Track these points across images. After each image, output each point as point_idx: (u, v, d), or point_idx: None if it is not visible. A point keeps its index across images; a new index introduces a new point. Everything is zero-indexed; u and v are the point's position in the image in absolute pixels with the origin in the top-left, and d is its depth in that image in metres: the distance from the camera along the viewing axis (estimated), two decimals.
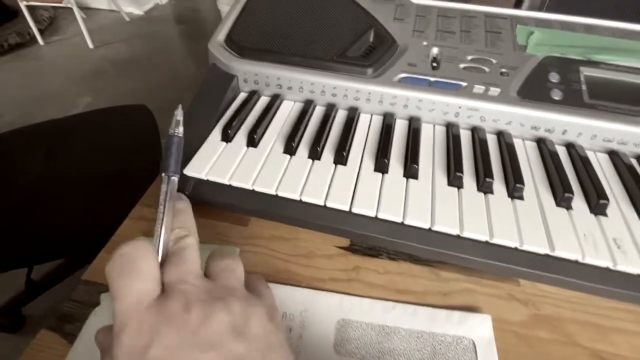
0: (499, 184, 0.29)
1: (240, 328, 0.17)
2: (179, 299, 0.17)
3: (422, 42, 0.36)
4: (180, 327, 0.16)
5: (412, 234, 0.26)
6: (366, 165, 0.30)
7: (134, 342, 0.15)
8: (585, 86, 0.32)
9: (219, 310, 0.17)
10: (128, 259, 0.17)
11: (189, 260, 0.19)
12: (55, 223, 0.65)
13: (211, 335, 0.16)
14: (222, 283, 0.19)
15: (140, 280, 0.17)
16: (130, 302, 0.16)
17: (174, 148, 0.22)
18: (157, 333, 0.15)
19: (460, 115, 0.33)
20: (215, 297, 0.17)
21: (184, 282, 0.17)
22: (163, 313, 0.16)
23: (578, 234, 0.25)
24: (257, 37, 0.37)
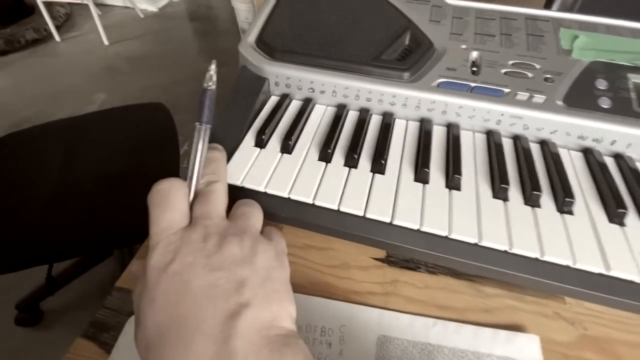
0: (546, 197, 0.27)
1: (247, 259, 0.20)
2: (200, 230, 0.20)
3: (460, 46, 0.34)
4: (197, 250, 0.19)
5: (456, 248, 0.25)
6: (405, 175, 0.29)
7: (161, 257, 0.19)
8: (635, 94, 0.31)
9: (231, 243, 0.20)
10: (163, 193, 0.21)
11: (215, 202, 0.22)
12: (75, 221, 0.65)
13: (221, 260, 0.19)
14: (239, 224, 0.22)
15: (170, 211, 0.20)
16: (162, 227, 0.20)
17: (207, 100, 0.24)
18: (178, 253, 0.19)
19: (502, 122, 0.31)
20: (230, 233, 0.20)
21: (208, 219, 0.21)
22: (185, 239, 0.19)
23: (634, 252, 0.24)
24: (289, 38, 0.36)
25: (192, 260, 0.19)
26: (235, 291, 0.18)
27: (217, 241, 0.19)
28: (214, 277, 0.18)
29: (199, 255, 0.19)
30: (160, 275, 0.18)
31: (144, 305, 0.18)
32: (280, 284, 0.20)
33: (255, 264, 0.20)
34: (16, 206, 0.67)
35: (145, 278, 0.19)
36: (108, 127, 0.85)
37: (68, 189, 0.70)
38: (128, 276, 0.28)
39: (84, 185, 0.71)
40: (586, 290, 0.24)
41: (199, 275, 0.18)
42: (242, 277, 0.19)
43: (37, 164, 0.76)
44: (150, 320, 0.18)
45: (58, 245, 0.64)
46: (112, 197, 0.69)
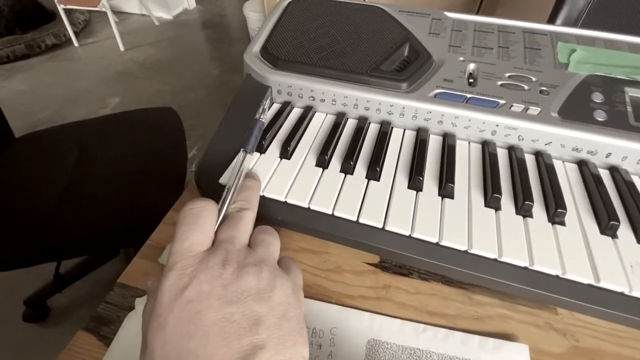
0: (538, 207, 0.28)
1: (264, 294, 0.19)
2: (220, 255, 0.19)
3: (458, 58, 0.35)
4: (214, 278, 0.18)
5: (447, 255, 0.26)
6: (400, 182, 0.29)
7: (177, 280, 0.18)
8: (631, 107, 0.31)
9: (249, 274, 0.19)
10: (195, 213, 0.21)
11: (241, 228, 0.22)
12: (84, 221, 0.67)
13: (238, 292, 0.18)
14: (258, 252, 0.21)
15: (197, 232, 0.20)
16: (184, 247, 0.19)
17: (255, 130, 0.25)
18: (195, 278, 0.18)
19: (498, 133, 0.32)
20: (249, 262, 0.20)
21: (230, 243, 0.20)
22: (204, 263, 0.19)
23: (624, 264, 0.24)
24: (291, 48, 0.37)
25: (208, 290, 0.18)
26: (250, 330, 0.17)
27: (235, 269, 0.19)
28: (228, 311, 0.17)
29: (216, 284, 0.18)
30: (173, 300, 0.18)
31: (154, 330, 0.17)
32: (297, 323, 0.19)
33: (272, 300, 0.19)
34: (28, 203, 0.70)
35: (157, 299, 0.18)
36: (119, 130, 0.87)
37: (78, 189, 0.72)
38: (129, 274, 0.29)
39: (94, 185, 0.73)
40: (576, 301, 0.24)
41: (214, 308, 0.17)
42: (258, 314, 0.18)
43: (50, 164, 0.78)
44: (158, 349, 0.17)
45: (66, 243, 0.66)
46: (121, 198, 0.71)
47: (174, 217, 0.33)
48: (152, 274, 0.25)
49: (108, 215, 0.68)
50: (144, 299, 0.27)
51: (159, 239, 0.32)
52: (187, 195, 0.35)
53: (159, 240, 0.32)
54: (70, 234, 0.66)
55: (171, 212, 0.34)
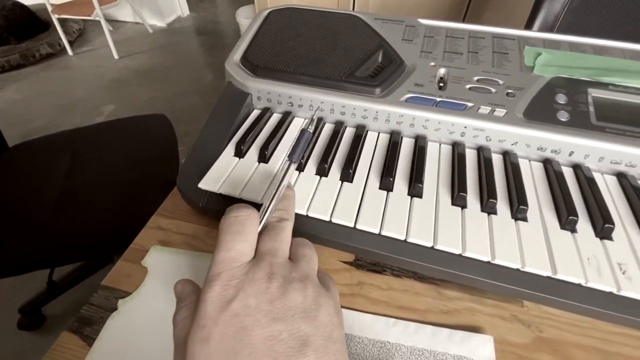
0: (503, 204, 0.29)
1: (310, 312, 0.18)
2: (265, 268, 0.19)
3: (429, 63, 0.37)
4: (261, 292, 0.18)
5: (415, 251, 0.27)
6: (372, 183, 0.31)
7: (222, 291, 0.18)
8: (593, 108, 0.33)
9: (295, 290, 0.18)
10: (240, 221, 0.20)
11: (284, 240, 0.21)
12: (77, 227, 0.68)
13: (284, 309, 0.18)
14: (301, 267, 0.20)
15: (242, 242, 0.20)
16: (229, 256, 0.19)
17: (302, 141, 0.25)
18: (242, 290, 0.18)
19: (466, 134, 0.33)
20: (294, 277, 0.19)
21: (273, 256, 0.20)
22: (249, 275, 0.18)
23: (582, 257, 0.25)
24: (270, 57, 0.38)
25: (255, 304, 0.17)
26: (299, 351, 0.17)
27: (281, 284, 0.18)
28: (276, 329, 0.17)
29: (262, 299, 0.18)
30: (219, 312, 0.17)
31: (197, 341, 0.17)
32: (341, 345, 0.19)
33: (318, 320, 0.18)
34: (21, 212, 0.70)
35: (200, 308, 0.18)
36: (111, 137, 0.89)
37: (72, 196, 0.73)
38: (113, 276, 0.30)
39: (87, 192, 0.74)
40: (536, 292, 0.25)
41: (261, 324, 0.17)
42: (305, 334, 0.17)
43: (43, 172, 0.79)
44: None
45: (59, 249, 0.67)
46: (113, 204, 0.72)
47: (158, 221, 0.35)
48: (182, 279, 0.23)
49: (101, 222, 0.69)
50: (127, 300, 0.29)
51: (143, 242, 0.33)
52: (170, 200, 0.36)
53: (142, 243, 0.33)
54: (64, 240, 0.67)
55: (155, 217, 0.35)
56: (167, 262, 0.31)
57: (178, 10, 2.54)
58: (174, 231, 0.33)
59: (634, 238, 0.27)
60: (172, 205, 0.36)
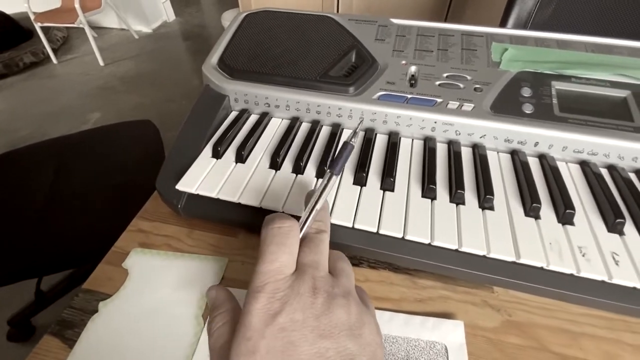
0: (471, 195, 0.30)
1: (355, 330, 0.18)
2: (309, 282, 0.19)
3: (401, 61, 0.38)
4: (306, 307, 0.18)
5: (387, 243, 0.28)
6: (346, 179, 0.32)
7: (268, 304, 0.17)
8: (557, 100, 0.34)
9: (340, 307, 0.18)
10: (284, 232, 0.20)
11: (323, 252, 0.21)
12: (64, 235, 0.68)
13: (330, 326, 0.17)
14: (342, 283, 0.20)
15: (286, 254, 0.19)
16: (273, 268, 0.19)
17: (345, 153, 0.25)
18: (288, 304, 0.17)
19: (437, 129, 0.34)
20: (337, 293, 0.19)
21: (315, 269, 0.20)
22: (294, 289, 0.18)
23: (544, 242, 0.27)
24: (246, 59, 0.39)
25: (302, 319, 0.17)
26: None
27: (325, 299, 0.18)
28: (323, 346, 0.17)
29: (308, 314, 0.17)
30: (265, 325, 0.17)
31: (242, 354, 0.17)
32: None
33: (362, 338, 0.18)
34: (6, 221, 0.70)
35: (245, 320, 0.17)
36: (98, 144, 0.88)
37: (57, 204, 0.73)
38: (94, 279, 0.31)
39: (72, 200, 0.74)
40: (504, 278, 0.26)
41: (308, 340, 0.17)
42: (352, 353, 0.17)
43: (28, 182, 0.79)
44: None
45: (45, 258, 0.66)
46: (100, 211, 0.71)
47: (138, 224, 0.35)
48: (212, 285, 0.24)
49: (87, 229, 0.69)
50: (108, 302, 0.29)
51: (123, 245, 0.33)
52: (150, 203, 0.37)
53: (123, 246, 0.33)
54: (50, 248, 0.66)
55: (136, 220, 0.35)
56: (148, 263, 0.31)
57: (164, 15, 2.53)
58: (155, 233, 0.34)
59: (595, 222, 0.28)
60: (153, 207, 0.36)
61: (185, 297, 0.29)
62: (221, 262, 0.31)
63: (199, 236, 0.33)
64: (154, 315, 0.28)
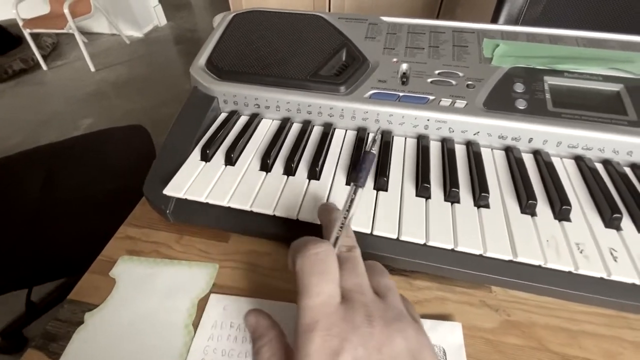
0: (466, 193, 0.29)
1: (417, 356, 0.17)
2: (361, 311, 0.17)
3: (392, 59, 0.37)
4: (367, 340, 0.16)
5: (381, 244, 0.27)
6: (338, 179, 0.31)
7: (327, 343, 0.16)
8: (550, 95, 0.34)
9: (398, 332, 0.17)
10: (321, 260, 0.19)
11: (363, 271, 0.20)
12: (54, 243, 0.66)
13: (394, 356, 0.16)
14: (392, 304, 0.19)
15: (330, 282, 0.18)
16: (321, 301, 0.17)
17: (367, 163, 0.24)
18: (347, 341, 0.16)
19: (430, 127, 0.34)
20: (392, 317, 0.18)
21: (362, 294, 0.18)
22: (349, 321, 0.17)
23: (541, 239, 0.26)
24: (235, 60, 0.38)
25: (365, 354, 0.16)
26: None
27: (383, 327, 0.17)
28: None
29: (370, 348, 0.16)
30: None
31: None
32: None
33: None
34: None
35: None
36: (89, 150, 0.87)
37: (48, 212, 0.71)
38: (80, 290, 0.30)
39: (62, 207, 0.72)
40: (502, 277, 0.26)
41: None
42: None
43: (18, 190, 0.77)
44: None
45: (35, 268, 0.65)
46: (91, 218, 0.70)
47: (126, 231, 0.34)
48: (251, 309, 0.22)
49: (78, 237, 0.67)
50: (94, 312, 0.28)
51: (111, 253, 0.32)
52: (139, 209, 0.36)
53: (110, 254, 0.32)
54: (40, 258, 0.65)
55: (123, 226, 0.34)
56: (136, 271, 0.30)
57: (155, 19, 2.52)
58: (143, 240, 0.33)
59: (591, 218, 0.28)
60: (141, 213, 0.35)
61: (174, 306, 0.28)
62: (212, 268, 0.30)
63: (188, 242, 0.32)
64: (141, 325, 0.27)
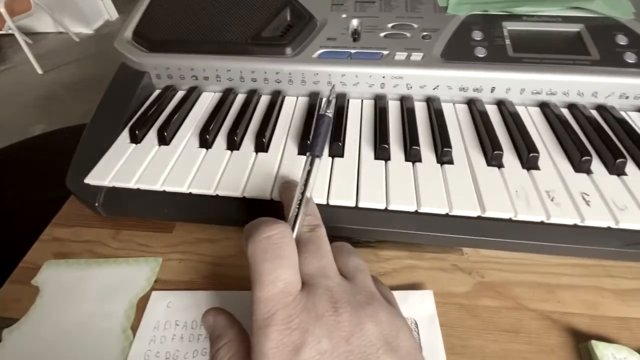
0: (428, 151, 0.27)
1: (392, 341, 0.15)
2: (325, 297, 0.15)
3: (341, 15, 0.34)
4: (332, 330, 0.14)
5: (340, 214, 0.24)
6: (289, 150, 0.28)
7: (283, 338, 0.14)
8: (509, 40, 0.31)
9: (368, 318, 0.15)
10: (274, 244, 0.16)
11: (327, 253, 0.18)
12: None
13: (365, 345, 0.14)
14: (361, 285, 0.17)
15: (287, 268, 0.16)
16: (277, 290, 0.15)
17: (322, 128, 0.21)
18: (309, 333, 0.14)
19: (386, 85, 0.31)
20: (361, 301, 0.16)
21: (326, 277, 0.16)
22: (311, 310, 0.15)
23: (510, 191, 0.24)
24: (166, 28, 0.34)
25: (330, 347, 0.14)
26: None
27: (351, 313, 0.15)
28: None
29: (337, 339, 0.14)
30: None
31: None
32: None
33: (401, 349, 0.15)
34: None
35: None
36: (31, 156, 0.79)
37: None
38: None
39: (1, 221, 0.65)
40: (471, 236, 0.24)
41: None
42: None
43: None
44: None
45: None
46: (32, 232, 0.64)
47: (53, 232, 0.29)
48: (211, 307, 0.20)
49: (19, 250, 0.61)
50: (14, 328, 0.24)
51: (34, 259, 0.28)
52: (67, 206, 0.31)
53: (34, 260, 0.28)
54: None
55: (49, 228, 0.30)
56: (64, 276, 0.26)
57: (105, 14, 2.35)
58: (73, 240, 0.29)
59: (560, 164, 0.26)
60: (70, 211, 0.31)
61: (110, 310, 0.24)
62: (154, 262, 0.27)
63: (127, 236, 0.28)
64: (71, 337, 0.23)
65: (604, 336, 0.22)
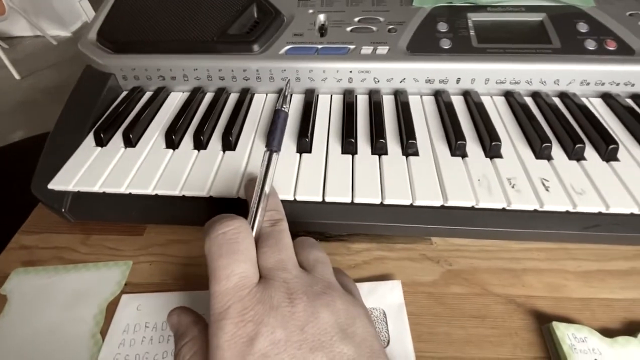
0: (394, 144, 0.27)
1: (348, 329, 0.15)
2: (281, 289, 0.16)
3: (308, 11, 0.34)
4: (287, 320, 0.15)
5: (308, 210, 0.24)
6: (257, 147, 0.28)
7: (238, 330, 0.14)
8: (474, 31, 0.32)
9: (324, 307, 0.16)
10: (230, 239, 0.17)
11: (287, 247, 0.18)
12: None
13: (319, 333, 0.15)
14: (320, 276, 0.17)
15: (242, 262, 0.16)
16: (232, 284, 0.15)
17: (279, 123, 0.21)
18: (263, 324, 0.14)
19: (354, 79, 0.31)
20: (317, 291, 0.16)
21: (284, 270, 0.17)
22: (266, 302, 0.15)
23: (472, 179, 0.24)
24: (131, 28, 0.33)
25: (284, 337, 0.14)
26: None
27: (306, 304, 0.15)
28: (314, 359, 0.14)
29: (291, 328, 0.15)
30: (242, 357, 0.14)
31: None
32: (385, 357, 0.16)
33: (356, 336, 0.15)
34: None
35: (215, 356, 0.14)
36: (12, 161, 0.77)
37: None
38: None
39: None
40: (435, 225, 0.24)
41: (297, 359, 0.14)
42: (350, 358, 0.15)
43: None
44: None
45: None
46: None
47: (20, 240, 0.29)
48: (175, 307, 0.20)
49: None
50: None
51: (1, 268, 0.27)
52: (35, 213, 0.31)
53: (1, 269, 0.27)
54: None
55: (17, 235, 0.29)
56: (32, 284, 0.26)
57: (83, 15, 2.29)
58: (41, 247, 0.28)
59: (522, 152, 0.26)
60: (38, 218, 0.30)
61: (79, 315, 0.24)
62: (124, 266, 0.26)
63: (96, 241, 0.28)
64: (40, 344, 0.23)
65: (567, 317, 0.23)
